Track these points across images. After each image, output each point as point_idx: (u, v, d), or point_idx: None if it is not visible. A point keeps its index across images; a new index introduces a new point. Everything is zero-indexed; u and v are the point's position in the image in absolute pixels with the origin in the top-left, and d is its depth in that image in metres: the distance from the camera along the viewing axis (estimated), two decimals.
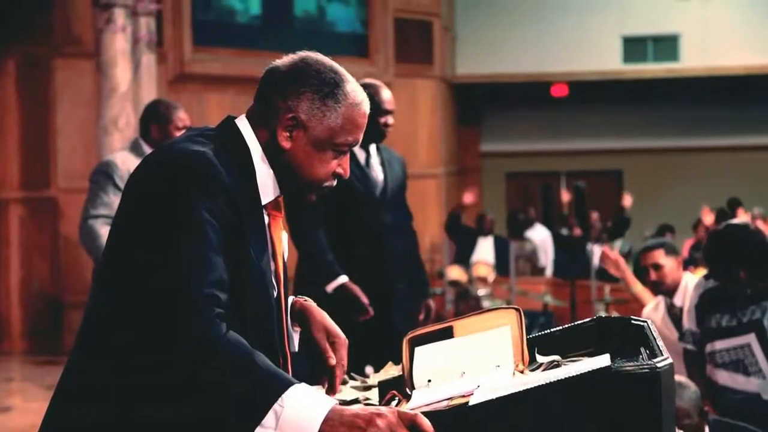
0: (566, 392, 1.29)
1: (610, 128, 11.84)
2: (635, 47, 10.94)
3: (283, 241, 1.54)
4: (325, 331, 1.55)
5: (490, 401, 1.31)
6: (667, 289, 3.58)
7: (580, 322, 1.61)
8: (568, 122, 11.81)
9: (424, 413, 1.30)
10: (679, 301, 3.55)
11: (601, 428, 1.28)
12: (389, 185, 3.29)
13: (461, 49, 10.93)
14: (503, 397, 1.31)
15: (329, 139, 1.47)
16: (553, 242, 9.05)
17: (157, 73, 6.26)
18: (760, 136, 11.70)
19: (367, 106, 1.50)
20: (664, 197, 11.48)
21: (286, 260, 1.56)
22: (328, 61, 1.49)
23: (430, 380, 1.48)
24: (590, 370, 1.32)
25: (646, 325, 1.52)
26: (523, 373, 1.46)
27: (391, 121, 3.24)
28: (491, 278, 7.20)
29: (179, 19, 7.19)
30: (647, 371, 1.28)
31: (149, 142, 3.47)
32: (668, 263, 3.56)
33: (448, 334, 1.51)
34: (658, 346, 1.41)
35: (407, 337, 1.51)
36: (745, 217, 7.41)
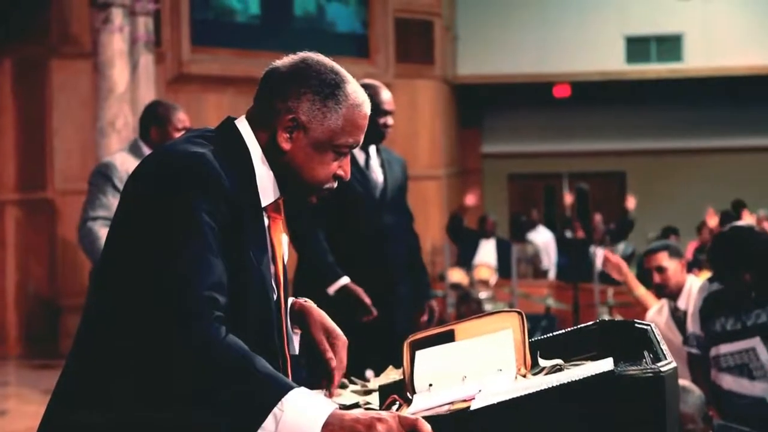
0: (569, 397, 1.29)
1: (613, 129, 11.84)
2: (638, 47, 10.95)
3: (283, 243, 1.54)
4: (324, 330, 1.55)
5: (491, 406, 1.31)
6: (670, 292, 3.58)
7: (582, 325, 1.62)
8: (570, 123, 11.81)
9: (425, 418, 1.30)
10: (683, 304, 3.55)
11: None
12: (389, 187, 3.29)
13: (462, 49, 10.94)
14: (505, 401, 1.31)
15: (330, 140, 1.47)
16: (555, 245, 9.06)
17: (155, 73, 6.26)
18: (765, 136, 11.70)
19: (368, 107, 1.50)
20: (667, 199, 11.48)
21: (286, 263, 1.56)
22: (328, 61, 1.49)
23: (431, 384, 1.48)
24: (593, 374, 1.32)
25: (649, 328, 1.52)
26: (525, 377, 1.46)
27: (390, 121, 3.24)
28: (493, 281, 7.20)
29: (177, 19, 7.20)
30: (651, 375, 1.28)
31: (148, 143, 3.47)
32: (672, 266, 3.56)
33: (449, 337, 1.51)
34: (661, 349, 1.41)
35: (408, 340, 1.51)
36: (750, 219, 7.40)
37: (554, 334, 1.61)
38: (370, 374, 2.31)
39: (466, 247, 8.06)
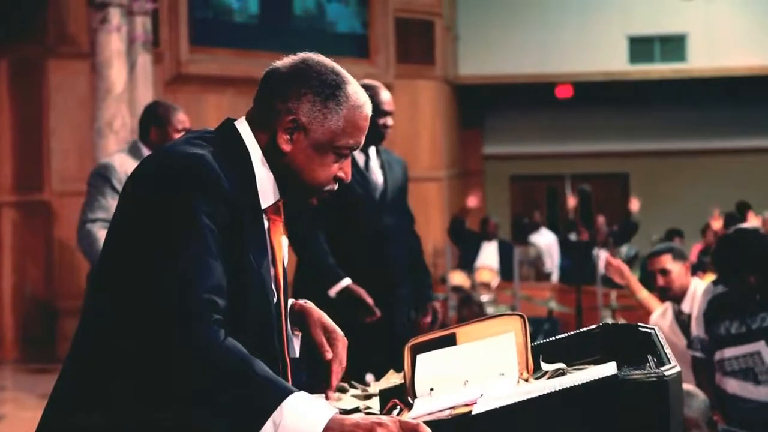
0: (572, 401, 1.29)
1: (616, 130, 11.84)
2: (642, 47, 10.96)
3: (283, 246, 1.55)
4: (323, 329, 1.55)
5: (493, 410, 1.31)
6: (674, 295, 3.58)
7: (585, 329, 1.62)
8: (572, 124, 11.81)
9: (426, 422, 1.30)
10: (687, 307, 3.55)
11: None
12: (389, 188, 3.29)
13: (463, 49, 10.94)
14: (507, 406, 1.31)
15: (330, 141, 1.47)
16: (558, 247, 9.06)
17: (153, 73, 6.27)
18: None
19: (369, 108, 1.50)
20: (671, 201, 11.48)
21: (286, 266, 1.56)
22: (329, 62, 1.49)
23: (432, 389, 1.48)
24: (596, 378, 1.32)
25: (653, 332, 1.52)
26: (527, 381, 1.46)
27: (390, 122, 3.25)
28: (495, 284, 7.20)
29: (176, 18, 7.20)
30: (655, 380, 1.28)
31: (148, 144, 3.47)
32: (676, 268, 3.56)
33: (450, 341, 1.51)
34: (665, 353, 1.41)
35: (409, 344, 1.51)
36: (755, 220, 7.40)
37: (557, 337, 1.61)
38: (370, 378, 2.32)
39: (467, 249, 8.07)
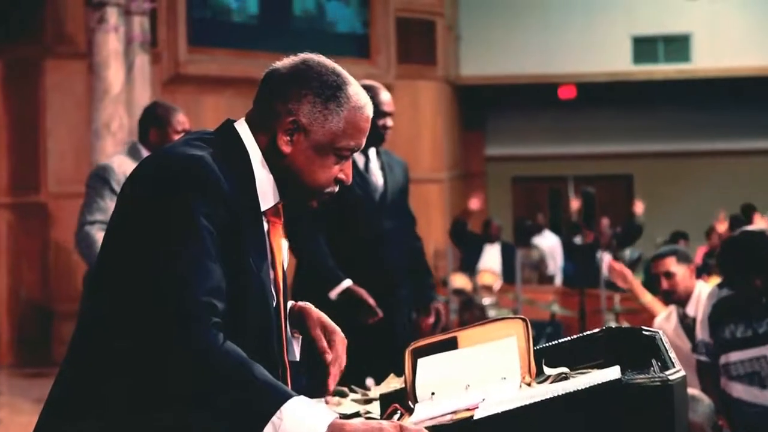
0: (575, 406, 1.29)
1: (619, 131, 11.84)
2: (645, 48, 10.96)
3: (283, 248, 1.55)
4: (322, 328, 1.55)
5: (496, 415, 1.31)
6: (679, 298, 3.58)
7: (589, 332, 1.62)
8: (576, 125, 11.82)
9: (427, 427, 1.30)
10: (691, 310, 3.55)
11: None
12: (389, 190, 3.29)
13: (465, 49, 10.95)
14: (509, 410, 1.31)
15: (331, 143, 1.47)
16: (562, 249, 9.06)
17: (150, 74, 6.27)
18: None
19: (370, 109, 1.50)
20: (676, 203, 11.48)
21: (285, 268, 1.57)
22: (330, 63, 1.50)
23: (433, 393, 1.48)
24: (600, 382, 1.32)
25: (657, 335, 1.52)
26: (530, 385, 1.46)
27: (390, 123, 3.25)
28: (497, 286, 7.20)
29: (174, 18, 7.21)
30: (659, 384, 1.28)
31: (147, 145, 3.48)
32: (680, 271, 3.56)
33: (452, 344, 1.51)
34: (670, 357, 1.41)
35: (410, 348, 1.51)
36: (761, 222, 7.40)
37: (560, 341, 1.61)
38: (370, 382, 2.31)
39: (469, 251, 8.07)
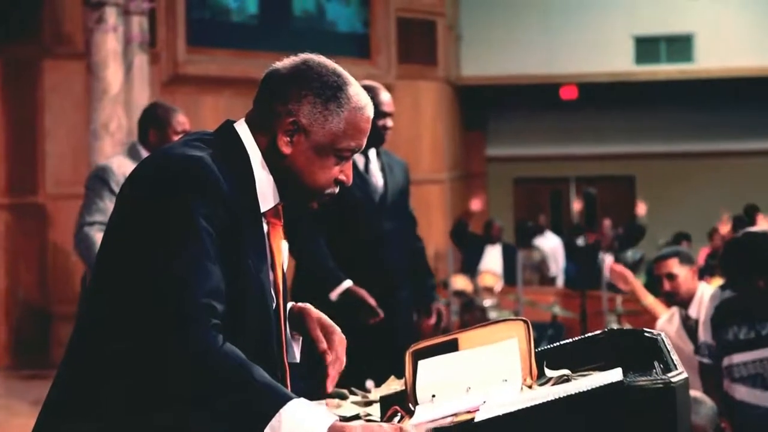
0: (576, 408, 1.29)
1: (621, 132, 11.84)
2: (647, 48, 10.96)
3: (282, 250, 1.55)
4: (321, 327, 1.55)
5: (496, 417, 1.31)
6: (681, 299, 3.58)
7: (590, 334, 1.62)
8: (577, 126, 11.82)
9: (428, 430, 1.30)
10: (694, 312, 3.55)
11: None
12: (389, 191, 3.30)
13: (466, 49, 10.95)
14: (511, 413, 1.31)
15: (331, 144, 1.47)
16: (564, 251, 9.06)
17: (149, 74, 6.27)
18: None
19: (370, 110, 1.50)
20: (678, 204, 11.47)
21: (285, 270, 1.57)
22: (330, 63, 1.50)
23: (434, 395, 1.48)
24: (601, 384, 1.32)
25: (659, 337, 1.52)
26: (531, 388, 1.46)
27: (390, 123, 3.25)
28: (498, 288, 7.20)
29: (173, 18, 7.21)
30: (661, 386, 1.28)
31: (147, 146, 3.48)
32: (683, 273, 3.56)
33: (452, 346, 1.51)
34: (672, 359, 1.41)
35: (410, 349, 1.51)
36: (764, 223, 7.39)
37: (561, 343, 1.61)
38: (370, 385, 2.32)
39: (470, 253, 8.07)
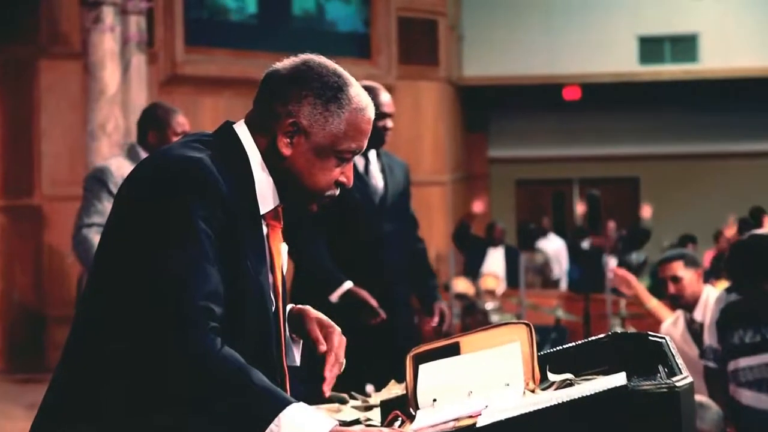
0: (580, 413, 1.29)
1: (625, 133, 11.84)
2: (652, 48, 10.96)
3: (282, 252, 1.55)
4: (320, 325, 1.55)
5: (499, 422, 1.31)
6: (686, 303, 3.58)
7: (594, 338, 1.62)
8: (581, 127, 11.82)
9: None
10: (699, 315, 3.55)
11: None
12: (389, 193, 3.30)
13: (468, 49, 10.96)
14: (513, 418, 1.31)
15: (332, 145, 1.47)
16: (567, 253, 9.06)
17: (147, 74, 6.27)
18: None
19: (371, 111, 1.51)
20: (683, 205, 11.47)
21: (284, 273, 1.56)
22: (331, 64, 1.50)
23: (435, 400, 1.48)
24: (605, 389, 1.32)
25: (664, 341, 1.52)
26: (533, 392, 1.46)
27: (390, 124, 3.25)
28: (500, 291, 7.20)
29: (171, 18, 7.22)
30: (666, 390, 1.28)
31: (146, 147, 3.48)
32: (688, 275, 3.56)
33: (454, 350, 1.51)
34: (677, 363, 1.41)
35: (411, 353, 1.51)
36: None
37: (564, 347, 1.61)
38: (371, 389, 2.31)
39: (473, 255, 8.07)
